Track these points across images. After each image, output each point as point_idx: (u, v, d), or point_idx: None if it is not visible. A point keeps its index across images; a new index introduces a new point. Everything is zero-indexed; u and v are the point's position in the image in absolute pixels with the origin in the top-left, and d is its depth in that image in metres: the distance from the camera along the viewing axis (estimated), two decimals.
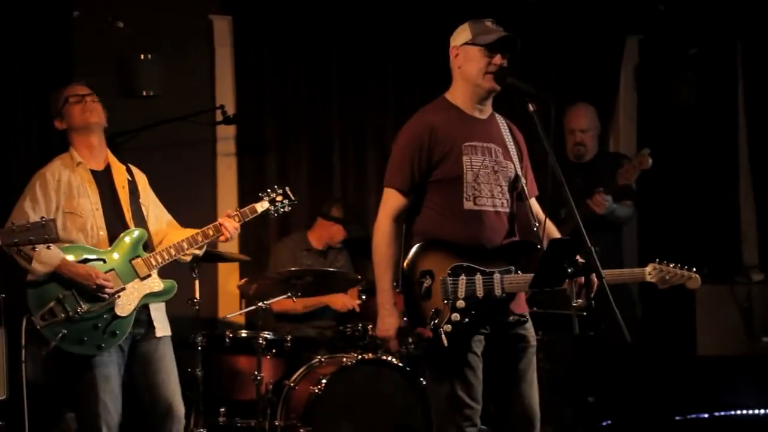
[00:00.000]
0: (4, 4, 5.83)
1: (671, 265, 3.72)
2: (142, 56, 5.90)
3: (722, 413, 6.70)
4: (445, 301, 3.59)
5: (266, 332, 5.37)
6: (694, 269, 3.72)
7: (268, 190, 4.58)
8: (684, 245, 6.87)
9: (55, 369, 4.28)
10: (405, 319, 3.80)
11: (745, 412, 6.69)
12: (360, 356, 5.25)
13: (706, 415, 6.70)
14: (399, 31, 6.60)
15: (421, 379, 4.98)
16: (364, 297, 5.68)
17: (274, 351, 5.43)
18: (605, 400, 5.89)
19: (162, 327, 4.31)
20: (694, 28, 7.02)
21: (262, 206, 4.52)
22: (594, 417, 5.84)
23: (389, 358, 5.26)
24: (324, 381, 5.10)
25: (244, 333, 5.51)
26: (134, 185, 4.40)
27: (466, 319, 3.60)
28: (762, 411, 6.67)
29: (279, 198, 4.57)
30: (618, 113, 7.07)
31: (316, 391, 5.09)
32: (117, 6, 6.02)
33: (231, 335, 5.45)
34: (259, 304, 5.29)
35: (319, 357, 5.38)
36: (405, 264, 3.67)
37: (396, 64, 6.62)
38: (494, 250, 3.73)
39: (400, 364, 5.23)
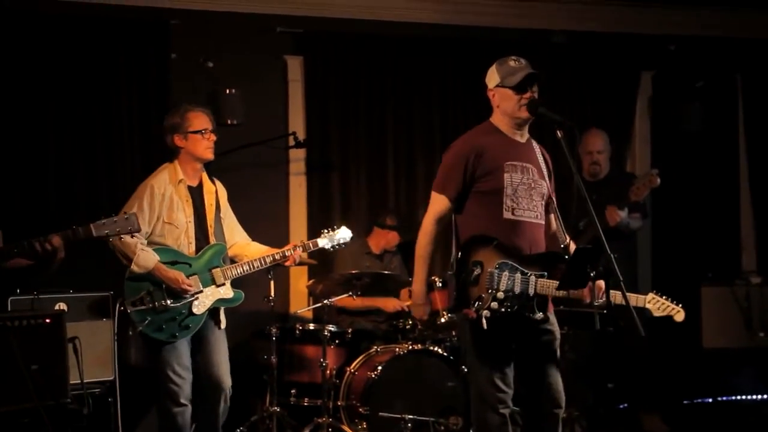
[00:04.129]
0: (114, 49, 5.92)
1: (664, 298, 3.76)
2: (227, 91, 5.93)
3: (724, 398, 6.62)
4: (489, 290, 3.58)
5: (330, 325, 5.38)
6: (681, 305, 3.77)
7: (328, 229, 4.74)
8: (692, 253, 6.84)
9: (147, 351, 4.37)
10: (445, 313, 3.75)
11: (743, 397, 6.61)
12: (411, 346, 5.24)
13: (710, 400, 6.63)
14: (444, 67, 6.57)
15: (462, 367, 4.94)
16: None
17: (337, 341, 5.43)
18: (622, 386, 5.81)
19: (222, 321, 4.44)
20: (700, 64, 6.94)
21: (322, 241, 4.69)
22: (612, 400, 5.76)
23: (436, 349, 5.24)
24: (380, 367, 5.10)
25: (311, 326, 5.52)
26: (218, 200, 4.48)
27: (502, 309, 3.58)
28: (759, 396, 6.58)
29: (337, 235, 4.73)
30: (634, 138, 6.99)
31: (373, 376, 5.09)
32: (207, 49, 6.07)
33: (300, 328, 5.46)
34: (325, 301, 5.29)
35: (376, 347, 5.38)
36: (461, 252, 3.66)
37: (441, 96, 6.59)
38: (532, 256, 3.72)
39: (445, 354, 5.21)
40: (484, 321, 3.54)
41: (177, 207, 4.29)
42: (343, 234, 4.74)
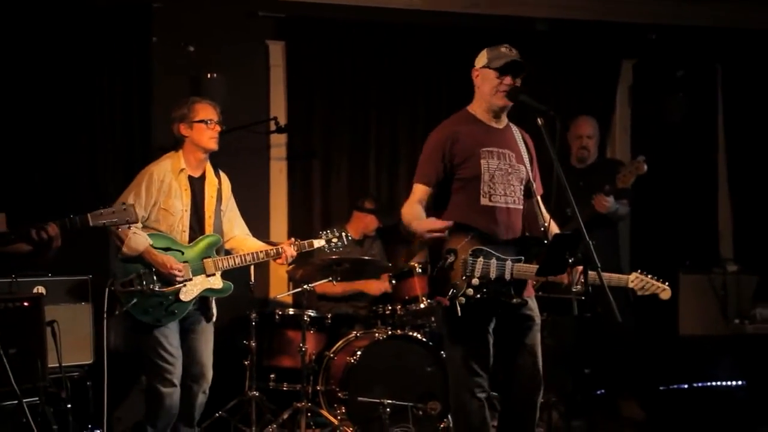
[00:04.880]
0: (96, 32, 5.85)
1: (649, 276, 3.73)
2: (209, 75, 5.90)
3: (700, 384, 6.68)
4: (464, 277, 3.60)
5: (310, 310, 5.38)
6: (667, 283, 3.72)
7: (327, 231, 4.80)
8: (670, 240, 6.87)
9: (131, 333, 4.38)
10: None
11: (719, 383, 6.68)
12: (390, 332, 5.24)
13: (685, 386, 6.69)
14: (428, 54, 6.54)
15: (442, 352, 4.94)
16: (394, 281, 5.63)
17: (316, 326, 5.43)
18: (600, 372, 5.85)
19: (213, 314, 4.50)
20: (680, 53, 6.95)
21: (318, 243, 4.74)
22: (590, 386, 5.80)
23: (415, 334, 5.25)
24: (359, 353, 5.10)
25: (291, 311, 5.51)
26: (220, 193, 4.52)
27: (478, 295, 3.61)
28: (734, 382, 6.63)
29: (335, 240, 4.80)
30: (614, 127, 7.00)
31: (352, 361, 5.09)
32: (188, 33, 6.03)
33: (280, 313, 5.45)
34: (305, 286, 5.28)
35: (355, 332, 5.38)
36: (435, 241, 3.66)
37: (425, 82, 6.57)
38: (509, 241, 3.74)
39: (424, 339, 5.22)
40: (458, 308, 3.55)
41: (175, 194, 4.34)
42: (342, 240, 4.80)
